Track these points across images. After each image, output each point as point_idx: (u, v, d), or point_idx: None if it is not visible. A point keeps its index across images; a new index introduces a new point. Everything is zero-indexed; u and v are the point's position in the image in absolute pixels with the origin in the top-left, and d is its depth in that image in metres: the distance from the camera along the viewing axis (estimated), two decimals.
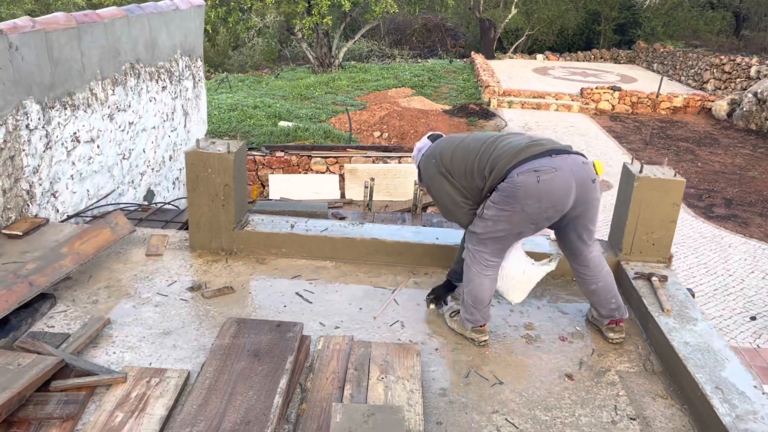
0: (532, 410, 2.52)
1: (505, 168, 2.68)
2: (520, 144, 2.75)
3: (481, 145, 2.82)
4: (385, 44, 27.45)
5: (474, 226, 2.85)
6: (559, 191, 2.65)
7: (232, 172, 3.53)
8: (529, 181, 2.62)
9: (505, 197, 2.68)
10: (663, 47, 22.11)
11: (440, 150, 2.94)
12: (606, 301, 2.97)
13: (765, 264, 8.37)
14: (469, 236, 2.90)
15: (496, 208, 2.72)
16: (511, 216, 2.70)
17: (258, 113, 14.22)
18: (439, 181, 2.89)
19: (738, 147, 14.08)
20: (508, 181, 2.67)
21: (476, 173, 2.79)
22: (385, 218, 4.87)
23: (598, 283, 2.94)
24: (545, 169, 2.63)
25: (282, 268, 3.59)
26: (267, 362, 2.50)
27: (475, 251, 2.86)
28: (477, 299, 2.89)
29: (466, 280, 2.91)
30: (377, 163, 11.27)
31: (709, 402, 2.39)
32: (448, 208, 2.94)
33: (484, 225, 2.80)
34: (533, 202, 2.65)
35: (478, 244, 2.85)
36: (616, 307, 2.98)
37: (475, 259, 2.87)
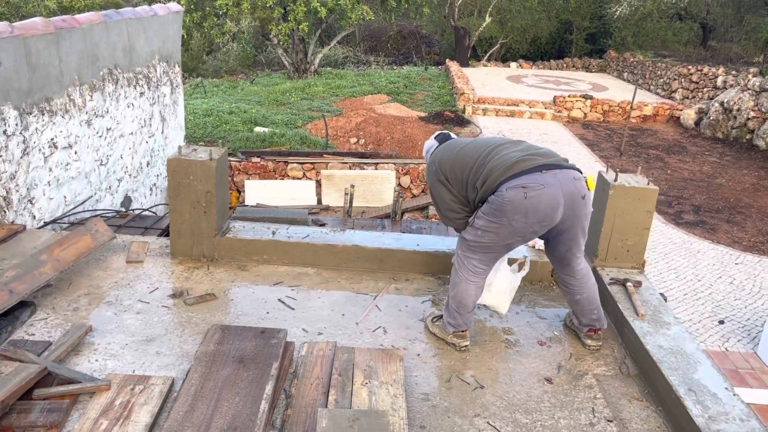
0: (513, 413, 2.58)
1: (496, 182, 2.74)
2: (513, 158, 2.78)
3: (478, 156, 2.88)
4: (361, 51, 27.54)
5: (465, 233, 2.92)
6: (545, 208, 2.70)
7: (214, 180, 3.54)
8: (516, 197, 2.68)
9: (493, 210, 2.74)
10: (633, 57, 22.58)
11: (440, 158, 3.02)
12: (588, 311, 3.04)
13: (732, 269, 8.61)
14: (459, 242, 2.98)
15: (485, 219, 2.79)
16: (499, 228, 2.77)
17: (233, 119, 14.17)
18: (438, 188, 3.00)
19: (705, 155, 14.44)
20: (498, 195, 2.73)
21: (470, 184, 2.87)
22: (365, 225, 4.91)
23: (583, 294, 3.01)
24: (533, 186, 2.68)
25: (264, 274, 3.61)
26: (252, 369, 2.52)
27: (464, 257, 2.92)
28: (461, 304, 2.94)
29: (453, 284, 2.97)
30: (354, 170, 11.32)
31: (683, 404, 2.47)
32: (445, 214, 3.04)
33: (474, 233, 2.86)
34: (519, 217, 2.71)
35: (467, 250, 2.91)
36: (597, 318, 3.06)
37: (463, 264, 2.93)
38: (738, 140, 15.11)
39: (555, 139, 14.85)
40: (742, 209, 10.99)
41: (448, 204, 3.00)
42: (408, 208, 10.86)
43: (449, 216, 3.04)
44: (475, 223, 2.85)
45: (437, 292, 3.57)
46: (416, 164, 11.58)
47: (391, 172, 11.27)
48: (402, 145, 13.74)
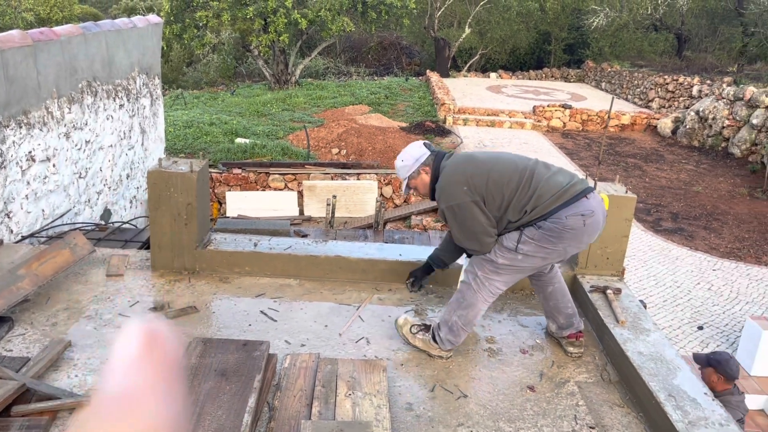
0: (497, 422, 2.59)
1: (551, 207, 2.72)
2: (561, 183, 2.77)
3: (519, 177, 2.79)
4: (342, 62, 27.64)
5: (495, 256, 2.84)
6: (594, 232, 2.81)
7: (195, 192, 3.52)
8: (577, 224, 2.72)
9: (548, 236, 2.73)
10: (610, 67, 22.91)
11: (470, 175, 2.82)
12: (563, 305, 3.07)
13: (710, 275, 8.73)
14: (482, 264, 2.88)
15: (535, 245, 2.76)
16: (550, 253, 2.78)
17: (214, 130, 14.11)
18: (473, 210, 2.79)
19: (682, 163, 14.67)
20: (556, 222, 2.71)
21: (513, 207, 2.77)
22: (348, 235, 4.91)
23: (554, 284, 3.06)
24: (588, 213, 2.74)
25: (246, 286, 3.59)
26: (235, 381, 2.50)
27: (486, 279, 2.86)
28: (470, 323, 2.93)
29: (467, 304, 2.90)
30: (336, 180, 11.31)
31: (663, 409, 2.50)
32: (477, 235, 2.84)
33: (512, 257, 2.81)
34: (576, 243, 2.77)
35: (492, 273, 2.86)
36: (573, 312, 3.09)
37: (484, 286, 2.87)
38: (714, 148, 15.37)
39: (535, 149, 14.99)
40: (718, 216, 11.17)
41: (484, 228, 2.81)
42: (390, 218, 10.88)
43: (485, 241, 2.84)
44: (519, 248, 2.77)
45: (420, 301, 3.58)
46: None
47: (373, 182, 11.29)
48: (384, 155, 13.77)
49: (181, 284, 3.55)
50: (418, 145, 3.04)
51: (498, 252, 2.83)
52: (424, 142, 3.06)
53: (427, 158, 2.97)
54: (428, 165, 2.98)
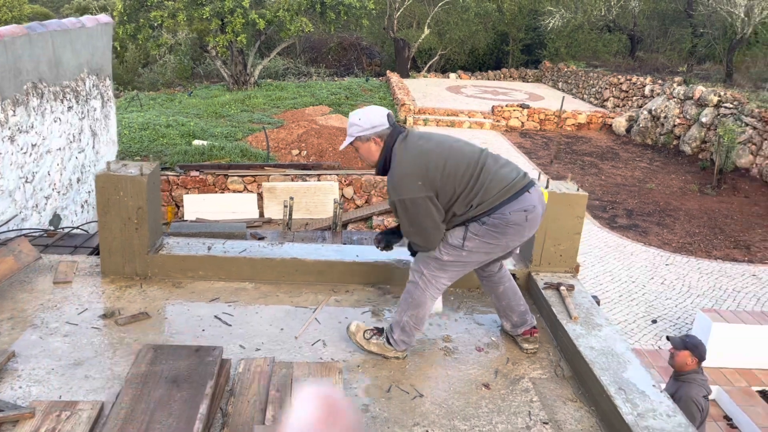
0: (452, 420, 2.60)
1: (496, 203, 2.74)
2: (507, 177, 2.78)
3: (471, 171, 2.76)
4: (302, 62, 27.48)
5: (440, 253, 2.84)
6: (536, 227, 2.85)
7: (145, 195, 3.45)
8: (520, 220, 2.75)
9: (492, 232, 2.75)
10: (566, 67, 23.33)
11: (425, 168, 2.75)
12: (515, 303, 3.10)
13: (663, 270, 8.96)
14: (427, 262, 2.88)
15: (480, 241, 2.78)
16: (494, 248, 2.80)
17: (171, 132, 13.87)
18: (425, 204, 2.74)
19: (636, 161, 15.03)
20: (499, 218, 2.73)
21: (461, 201, 2.76)
22: (305, 237, 4.88)
23: (505, 283, 3.08)
24: (530, 209, 2.77)
25: (200, 291, 3.53)
26: (186, 388, 2.45)
27: (433, 276, 2.87)
28: (420, 321, 2.94)
29: (415, 304, 2.90)
30: (296, 181, 11.24)
31: (614, 402, 2.55)
32: (426, 231, 2.80)
33: (457, 254, 2.82)
34: (518, 237, 2.80)
35: (438, 270, 2.87)
36: (525, 310, 3.12)
37: (431, 284, 2.88)
38: (666, 146, 15.79)
39: (494, 149, 15.13)
40: (671, 212, 11.48)
41: (435, 223, 2.77)
42: (352, 219, 10.85)
43: (433, 237, 2.80)
44: (465, 245, 2.78)
45: (377, 302, 3.57)
46: (359, 175, 11.60)
47: (334, 183, 11.25)
48: (344, 156, 13.74)
49: (132, 290, 3.47)
50: (380, 112, 2.89)
51: (443, 250, 2.84)
52: (388, 112, 2.92)
53: (384, 131, 2.86)
54: (382, 138, 2.87)
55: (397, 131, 2.88)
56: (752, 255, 9.65)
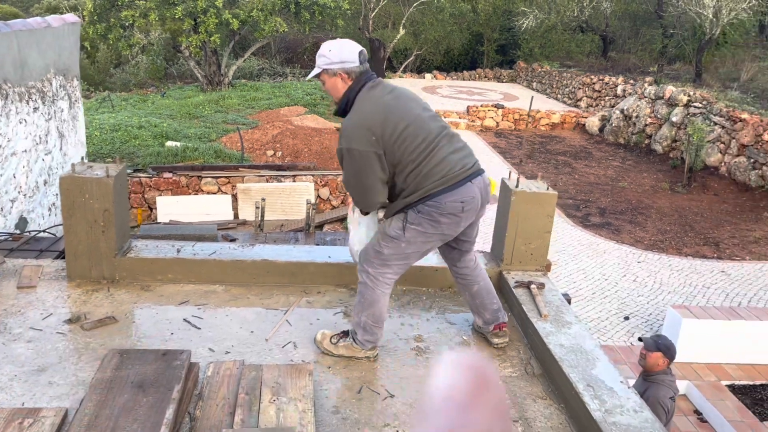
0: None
1: (434, 190, 2.70)
2: (452, 163, 2.73)
3: (425, 147, 2.71)
4: (277, 62, 27.33)
5: (380, 247, 2.83)
6: (473, 216, 2.84)
7: (112, 197, 3.39)
8: (455, 210, 2.73)
9: (428, 220, 2.73)
10: (540, 67, 23.55)
11: (384, 124, 2.67)
12: (489, 302, 3.10)
13: (635, 267, 9.08)
14: (371, 261, 2.86)
15: (416, 230, 2.76)
16: (431, 237, 2.78)
17: (143, 133, 13.70)
18: (371, 161, 2.66)
19: (609, 160, 15.22)
20: (434, 207, 2.70)
21: (404, 173, 2.71)
22: (278, 238, 4.85)
23: (479, 282, 3.08)
24: (468, 200, 2.75)
25: (168, 294, 3.48)
26: (152, 393, 2.42)
27: (378, 273, 2.85)
28: (378, 318, 2.92)
29: (369, 303, 2.88)
30: (271, 182, 11.17)
31: (582, 399, 2.57)
32: (367, 189, 2.74)
33: (396, 245, 2.79)
34: (454, 227, 2.79)
35: (382, 266, 2.84)
36: (498, 308, 3.13)
37: (379, 281, 2.86)
38: (638, 145, 16.02)
39: None
40: (642, 210, 11.64)
41: (378, 183, 2.71)
42: (327, 220, 10.82)
43: (373, 197, 2.75)
44: (401, 236, 2.77)
45: (349, 303, 3.56)
46: (335, 175, 11.57)
47: (309, 184, 11.21)
48: (320, 156, 13.70)
49: (99, 294, 3.41)
50: (352, 48, 2.77)
51: (383, 243, 2.82)
52: (361, 49, 2.78)
53: (354, 69, 2.75)
54: (350, 76, 2.76)
55: (369, 76, 2.79)
56: (721, 252, 9.83)
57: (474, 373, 0.74)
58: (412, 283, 3.73)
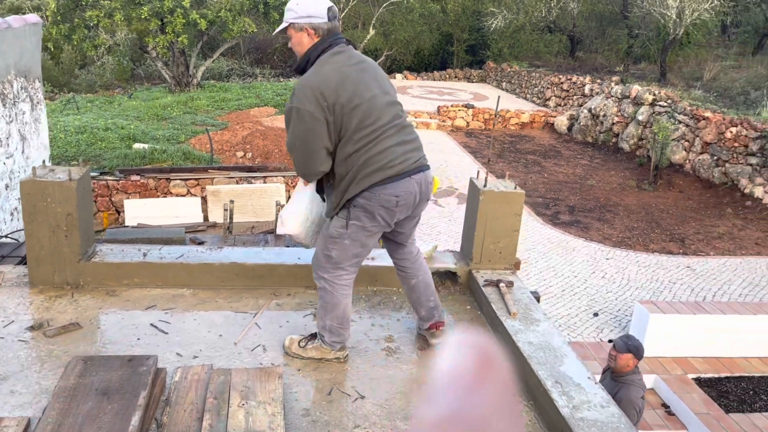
0: (393, 421, 2.60)
1: (371, 183, 2.66)
2: (393, 155, 2.67)
3: (373, 131, 2.64)
4: (246, 63, 27.10)
5: (328, 250, 2.80)
6: (407, 211, 2.81)
7: (75, 201, 3.32)
8: (389, 204, 2.70)
9: (363, 214, 2.71)
10: (510, 67, 23.76)
11: (339, 92, 2.58)
12: (425, 298, 3.06)
13: (604, 264, 9.22)
14: (324, 267, 2.82)
15: (357, 225, 2.74)
16: (373, 228, 2.76)
17: (110, 135, 13.45)
18: (316, 126, 2.59)
19: (578, 158, 15.43)
20: (369, 199, 2.68)
21: (346, 153, 2.65)
22: (247, 241, 4.80)
23: (418, 276, 3.04)
24: (403, 195, 2.72)
25: (135, 299, 3.43)
26: (117, 400, 2.37)
27: (334, 277, 2.82)
28: (344, 320, 2.90)
29: (330, 307, 2.85)
30: (241, 184, 11.07)
31: (550, 396, 2.60)
32: (310, 155, 2.64)
33: (340, 245, 2.77)
34: (389, 217, 2.75)
35: (335, 269, 2.81)
36: (434, 306, 3.08)
37: (336, 284, 2.83)
38: (605, 143, 16.27)
39: (441, 148, 15.30)
40: (610, 208, 11.82)
41: (320, 151, 2.61)
42: None
43: (315, 163, 2.64)
44: (344, 233, 2.75)
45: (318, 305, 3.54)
46: None
47: (280, 185, 11.13)
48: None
49: (62, 300, 3.34)
50: (322, 4, 2.69)
51: (329, 246, 2.79)
52: (330, 5, 2.71)
53: (321, 25, 2.68)
54: (317, 33, 2.69)
55: (337, 38, 2.72)
56: (686, 248, 10.04)
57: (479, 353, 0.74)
58: (383, 283, 3.73)
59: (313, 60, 2.71)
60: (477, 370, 0.72)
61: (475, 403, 0.70)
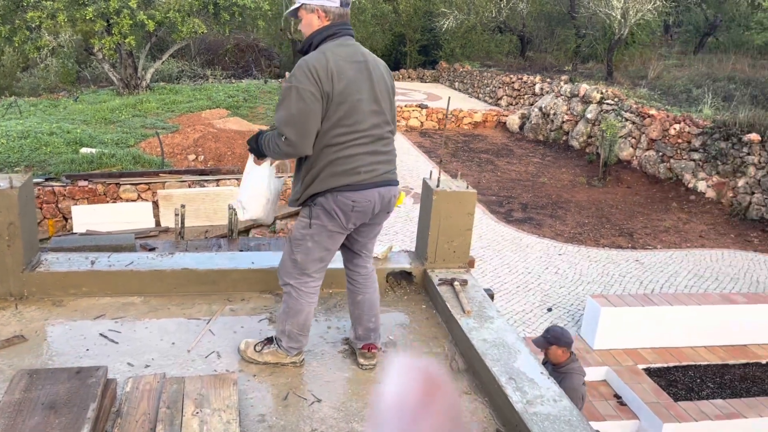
0: (350, 423, 2.60)
1: (334, 184, 2.65)
2: (362, 162, 2.67)
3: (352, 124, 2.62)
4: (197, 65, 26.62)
5: (293, 254, 2.79)
6: (362, 218, 2.76)
7: (17, 209, 3.21)
8: (346, 208, 2.68)
9: (325, 214, 2.70)
10: (462, 67, 24.03)
11: (339, 77, 2.58)
12: (367, 318, 2.98)
13: (556, 260, 9.41)
14: (288, 272, 2.82)
15: (317, 225, 2.73)
16: (332, 232, 2.74)
17: (55, 140, 13.04)
18: (315, 107, 2.58)
19: (530, 156, 15.71)
20: (327, 201, 2.67)
21: (322, 150, 2.64)
22: (199, 246, 4.73)
23: (365, 294, 2.98)
24: (360, 201, 2.69)
25: (83, 309, 3.33)
26: (65, 414, 2.30)
27: (300, 284, 2.81)
28: (303, 326, 2.88)
29: (292, 313, 2.83)
30: (194, 188, 10.88)
31: (504, 392, 2.64)
32: (306, 131, 2.60)
33: (304, 249, 2.76)
34: (344, 221, 2.72)
35: (301, 275, 2.80)
36: (373, 328, 3.00)
37: (302, 291, 2.81)
38: (556, 141, 16.61)
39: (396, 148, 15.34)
40: (562, 204, 12.08)
41: (313, 131, 2.58)
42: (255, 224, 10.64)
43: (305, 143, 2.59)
44: (306, 235, 2.74)
45: (274, 309, 3.51)
46: None
47: (234, 188, 10.98)
48: (244, 159, 13.43)
49: (5, 312, 3.22)
50: None
51: (294, 249, 2.79)
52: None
53: (333, 9, 2.67)
54: (327, 16, 2.68)
55: (345, 28, 2.72)
56: (635, 242, 10.34)
57: (425, 379, 0.75)
58: (339, 285, 3.72)
59: (316, 44, 2.69)
60: (422, 397, 0.74)
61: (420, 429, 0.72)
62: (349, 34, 2.75)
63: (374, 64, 2.75)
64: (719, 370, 6.44)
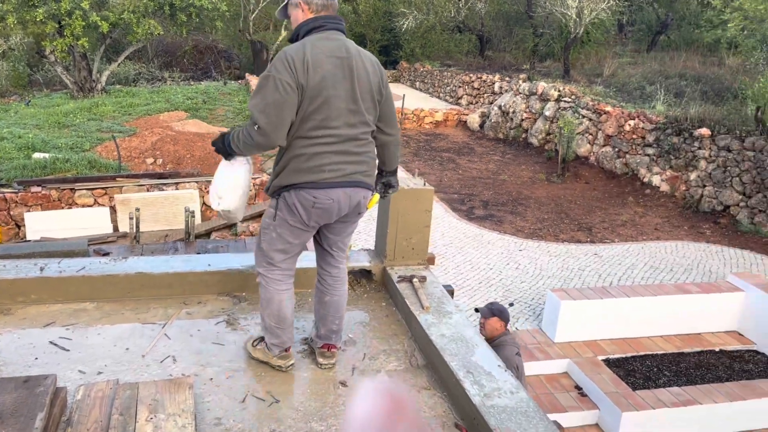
0: (308, 422, 2.58)
1: (297, 180, 2.62)
2: (330, 160, 2.62)
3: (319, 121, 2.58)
4: (155, 67, 26.15)
5: (259, 241, 2.82)
6: (325, 218, 2.72)
7: None
8: (306, 205, 2.64)
9: (287, 208, 2.68)
10: (422, 67, 24.16)
11: (318, 70, 2.54)
12: (331, 320, 2.96)
13: (517, 256, 9.53)
14: (258, 260, 2.84)
15: (280, 218, 2.71)
16: (294, 226, 2.71)
17: (6, 145, 12.68)
18: (292, 98, 2.53)
19: (490, 154, 15.88)
20: (291, 194, 2.64)
21: (293, 141, 2.61)
22: (155, 249, 4.64)
23: (333, 296, 2.95)
24: (322, 199, 2.64)
25: (32, 316, 3.23)
26: (12, 424, 2.23)
27: (266, 271, 2.80)
28: (280, 318, 2.84)
29: (265, 303, 2.82)
30: (152, 191, 10.68)
31: (462, 386, 2.66)
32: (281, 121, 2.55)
33: (269, 238, 2.76)
34: (307, 217, 2.69)
35: (267, 264, 2.80)
36: (336, 330, 2.98)
37: (269, 278, 2.80)
38: (516, 139, 16.82)
39: None
40: (522, 201, 12.24)
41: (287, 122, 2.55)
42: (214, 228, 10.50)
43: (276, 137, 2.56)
44: (270, 225, 2.73)
45: (232, 311, 3.47)
46: None
47: (193, 191, 10.81)
48: (204, 162, 13.28)
49: None
50: None
51: (261, 237, 2.80)
52: None
53: (314, 2, 2.66)
54: (310, 8, 2.67)
55: (331, 23, 2.67)
56: (593, 236, 10.54)
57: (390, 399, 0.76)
58: (300, 285, 3.68)
59: (302, 36, 2.67)
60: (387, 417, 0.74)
61: None
62: (337, 28, 2.69)
63: (359, 61, 2.67)
64: (675, 359, 6.61)
